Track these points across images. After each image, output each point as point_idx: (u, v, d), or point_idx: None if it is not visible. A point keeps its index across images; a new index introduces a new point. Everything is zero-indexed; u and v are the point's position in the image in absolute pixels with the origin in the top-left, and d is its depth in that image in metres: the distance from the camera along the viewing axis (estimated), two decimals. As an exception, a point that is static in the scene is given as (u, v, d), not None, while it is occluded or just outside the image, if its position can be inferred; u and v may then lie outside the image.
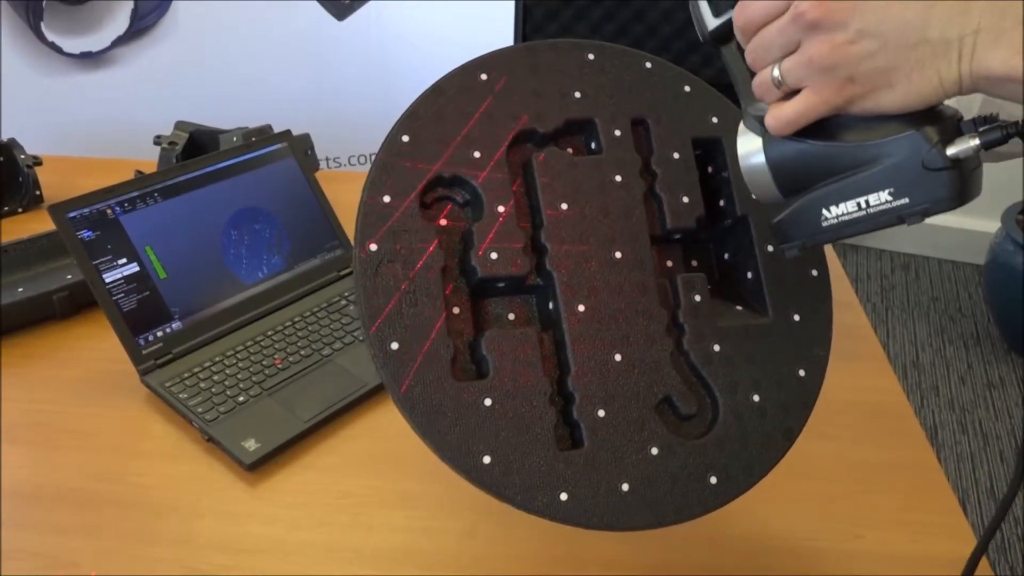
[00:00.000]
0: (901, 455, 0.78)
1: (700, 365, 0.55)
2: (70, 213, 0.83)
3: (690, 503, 0.52)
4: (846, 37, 0.42)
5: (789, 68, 0.44)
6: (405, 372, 0.49)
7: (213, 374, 0.84)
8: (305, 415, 0.79)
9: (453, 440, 0.49)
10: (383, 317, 0.49)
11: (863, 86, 0.43)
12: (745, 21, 0.46)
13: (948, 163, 0.42)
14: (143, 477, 0.74)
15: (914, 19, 0.40)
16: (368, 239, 0.50)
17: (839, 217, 0.46)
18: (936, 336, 2.29)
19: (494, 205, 0.53)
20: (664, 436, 0.53)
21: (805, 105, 0.45)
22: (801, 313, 0.59)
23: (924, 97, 0.42)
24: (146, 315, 0.85)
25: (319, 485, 0.74)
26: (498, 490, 0.49)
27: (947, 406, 2.04)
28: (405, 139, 0.53)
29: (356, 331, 0.91)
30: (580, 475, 0.50)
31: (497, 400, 0.50)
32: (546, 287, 0.54)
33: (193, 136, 1.19)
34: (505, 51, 0.57)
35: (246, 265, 0.93)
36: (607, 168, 0.57)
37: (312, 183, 1.01)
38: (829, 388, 0.85)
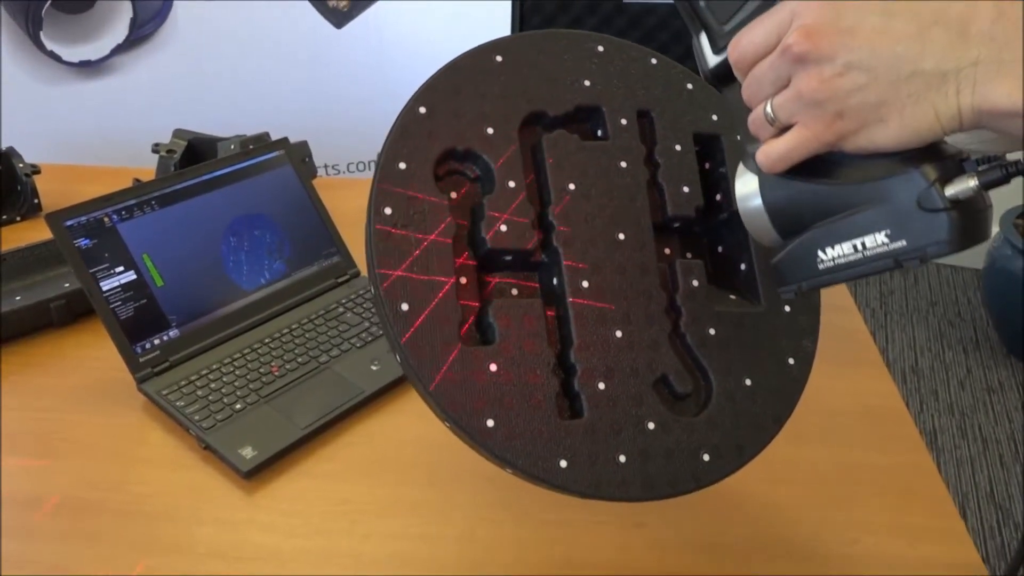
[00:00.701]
0: (899, 460, 0.78)
1: (696, 347, 0.57)
2: (67, 221, 0.83)
3: (683, 478, 0.53)
4: (834, 70, 0.40)
5: (780, 103, 0.44)
6: (415, 333, 0.50)
7: (210, 382, 0.84)
8: (302, 422, 0.79)
9: (458, 401, 0.49)
10: (394, 278, 0.50)
11: (854, 121, 0.41)
12: (739, 55, 0.45)
13: (947, 204, 0.40)
14: (140, 485, 0.74)
15: (906, 51, 0.39)
16: (383, 204, 0.52)
17: (835, 260, 0.44)
18: (935, 340, 2.29)
19: (505, 181, 0.55)
20: (661, 412, 0.54)
21: (795, 141, 0.43)
22: (792, 305, 0.61)
23: (920, 133, 0.40)
24: (143, 323, 0.85)
25: (317, 492, 0.74)
26: (500, 454, 0.49)
27: (946, 410, 2.03)
28: (422, 111, 0.54)
29: (353, 338, 0.91)
30: (579, 444, 0.51)
31: (502, 366, 0.51)
32: (551, 264, 0.56)
33: (191, 144, 1.20)
34: (520, 36, 0.59)
35: (243, 273, 0.94)
36: (613, 154, 0.59)
37: (309, 190, 1.02)
38: (827, 393, 0.85)
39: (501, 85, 0.57)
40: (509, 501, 0.72)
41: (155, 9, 1.88)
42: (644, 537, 0.69)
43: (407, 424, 0.82)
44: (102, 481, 0.75)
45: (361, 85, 2.01)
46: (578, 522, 0.71)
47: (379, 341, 0.91)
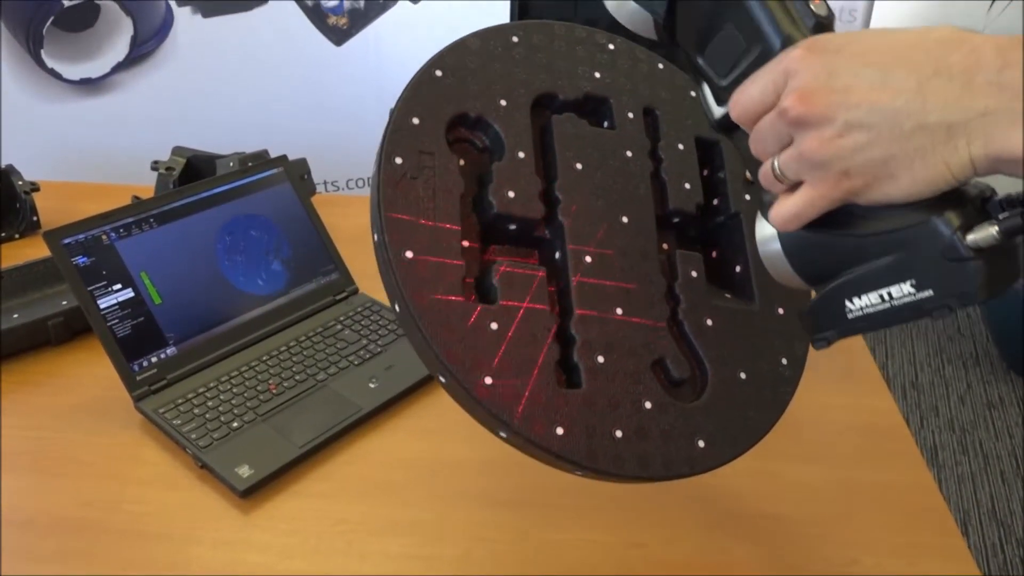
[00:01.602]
0: (899, 477, 0.77)
1: (693, 335, 0.57)
2: (65, 239, 0.83)
3: (678, 461, 0.53)
4: (834, 131, 0.39)
5: (785, 163, 0.43)
6: (418, 280, 0.49)
7: (207, 400, 0.84)
8: (299, 441, 0.79)
9: (458, 354, 0.49)
10: (400, 225, 0.50)
11: (862, 179, 0.40)
12: (740, 113, 0.45)
13: (970, 253, 0.39)
14: (137, 504, 0.74)
15: (906, 106, 0.38)
16: (394, 153, 0.52)
17: (863, 309, 0.43)
18: (935, 356, 2.28)
19: (515, 150, 0.56)
20: (658, 393, 0.54)
21: (804, 201, 0.43)
22: (785, 308, 0.61)
23: (932, 184, 0.39)
24: (141, 341, 0.85)
25: (313, 512, 0.73)
26: (496, 412, 0.48)
27: (947, 426, 2.03)
28: (438, 73, 0.55)
29: (351, 356, 0.91)
30: (576, 413, 0.51)
31: (503, 326, 0.51)
32: (553, 239, 0.56)
33: (190, 161, 1.20)
34: (539, 22, 0.61)
35: (241, 290, 0.94)
36: (619, 142, 0.60)
37: (308, 207, 1.02)
38: (826, 409, 0.85)
39: (516, 63, 0.58)
40: (506, 521, 0.72)
41: (156, 27, 1.89)
42: (643, 558, 0.69)
43: (404, 443, 0.81)
44: (98, 500, 0.74)
45: (361, 102, 2.02)
46: (576, 542, 0.70)
47: (377, 359, 0.90)
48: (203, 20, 1.91)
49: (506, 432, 0.49)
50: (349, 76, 2.01)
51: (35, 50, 1.82)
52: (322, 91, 2.01)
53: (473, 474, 0.77)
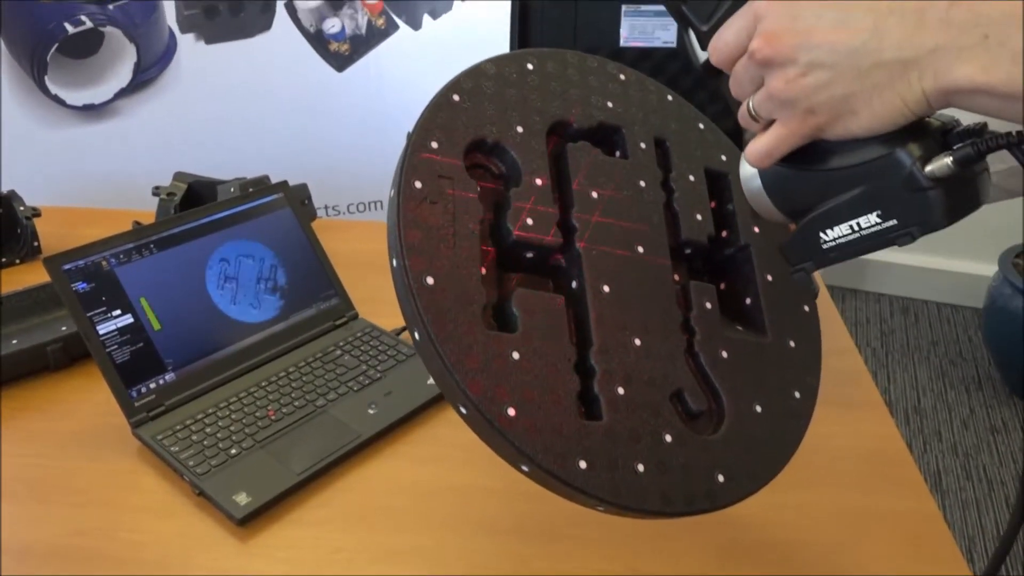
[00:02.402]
0: (901, 504, 0.77)
1: (709, 368, 0.56)
2: (65, 265, 0.83)
3: (699, 496, 0.52)
4: (798, 71, 0.42)
5: (758, 103, 0.46)
6: (439, 307, 0.48)
7: (205, 426, 0.83)
8: (298, 468, 0.78)
9: (481, 384, 0.47)
10: (420, 251, 0.49)
11: (826, 115, 0.43)
12: (718, 57, 0.48)
13: (929, 183, 0.42)
14: (133, 533, 0.73)
15: (863, 44, 0.41)
16: (414, 177, 0.51)
17: (836, 240, 0.47)
18: (937, 380, 2.27)
19: (532, 177, 0.56)
20: (677, 426, 0.53)
21: (775, 138, 0.46)
22: (796, 340, 0.61)
23: (891, 119, 0.42)
24: (139, 367, 0.85)
25: (311, 540, 0.73)
26: (521, 445, 0.47)
27: (950, 451, 2.02)
28: (456, 98, 0.55)
29: (351, 381, 0.90)
30: (599, 447, 0.49)
31: (525, 356, 0.50)
32: (569, 268, 0.56)
33: (191, 187, 1.20)
34: (548, 50, 0.61)
35: (241, 316, 0.93)
36: (634, 173, 0.60)
37: (308, 233, 1.02)
38: (828, 436, 0.84)
39: (531, 89, 0.59)
40: (506, 550, 0.71)
41: (159, 54, 1.91)
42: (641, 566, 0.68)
43: (404, 469, 0.81)
44: (94, 529, 0.74)
45: (363, 127, 2.03)
46: (577, 571, 0.69)
47: (376, 384, 0.90)
48: (206, 47, 1.93)
49: (528, 466, 0.48)
50: (351, 102, 2.02)
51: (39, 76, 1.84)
52: (324, 116, 2.02)
53: (473, 501, 0.76)
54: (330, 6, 1.93)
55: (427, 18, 1.97)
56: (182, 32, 1.91)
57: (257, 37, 1.94)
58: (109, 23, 1.83)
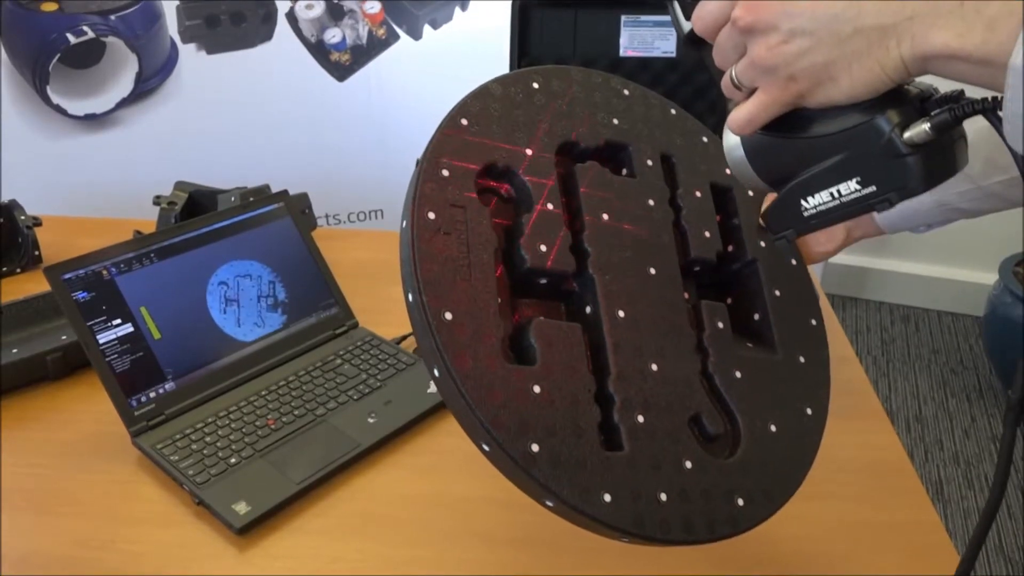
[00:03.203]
0: (903, 514, 0.77)
1: (724, 389, 0.56)
2: (66, 274, 0.83)
3: (720, 521, 0.51)
4: (779, 38, 0.43)
5: (740, 71, 0.47)
6: (459, 343, 0.47)
7: (205, 435, 0.83)
8: (297, 477, 0.78)
9: (503, 421, 0.46)
10: (437, 285, 0.48)
11: (806, 82, 0.44)
12: (702, 26, 0.48)
13: (907, 149, 0.42)
14: (133, 544, 0.73)
15: (843, 11, 0.41)
16: (426, 207, 0.50)
17: (816, 207, 0.47)
18: (938, 389, 2.27)
19: (544, 202, 0.55)
20: (697, 451, 0.52)
21: (757, 106, 0.46)
22: (805, 356, 0.61)
23: (870, 86, 0.42)
24: (139, 376, 0.85)
25: (310, 549, 0.72)
26: (546, 482, 0.46)
27: (952, 460, 2.01)
28: (464, 122, 0.55)
29: (350, 391, 0.90)
30: (621, 478, 0.49)
31: (545, 389, 0.49)
32: (583, 294, 0.55)
33: (192, 196, 1.20)
34: (552, 68, 0.61)
35: (241, 325, 0.93)
36: (641, 191, 0.60)
37: (308, 242, 1.02)
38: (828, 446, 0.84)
39: (538, 109, 0.58)
40: (506, 560, 0.71)
41: (160, 64, 1.91)
42: None
43: (403, 479, 0.81)
44: (93, 539, 0.74)
45: (363, 137, 2.04)
46: (577, 580, 0.69)
47: (376, 393, 0.90)
48: (207, 57, 1.93)
49: (553, 501, 0.47)
50: (351, 111, 2.02)
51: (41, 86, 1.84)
52: (324, 126, 2.03)
53: (473, 511, 0.76)
54: (331, 16, 1.94)
55: (428, 28, 1.98)
56: (183, 42, 1.91)
57: (258, 47, 1.94)
58: (111, 33, 1.84)
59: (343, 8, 1.94)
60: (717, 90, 0.51)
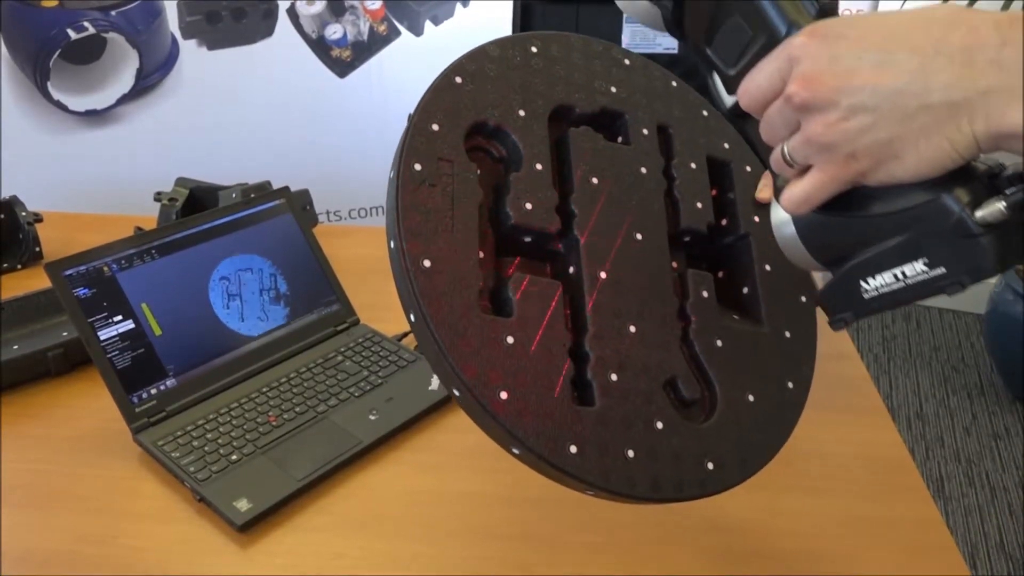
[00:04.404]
0: (904, 511, 0.76)
1: (703, 355, 0.56)
2: (66, 271, 0.83)
3: (689, 483, 0.52)
4: (838, 115, 0.40)
5: (794, 147, 0.44)
6: (436, 290, 0.49)
7: (206, 432, 0.83)
8: (299, 474, 0.78)
9: (474, 368, 0.48)
10: (418, 234, 0.49)
11: (868, 160, 0.41)
12: (748, 101, 0.46)
13: (980, 230, 0.40)
14: (134, 540, 0.73)
15: (908, 86, 0.39)
16: (413, 159, 0.51)
17: (879, 289, 0.45)
18: (939, 386, 2.27)
19: (532, 162, 0.55)
20: (670, 413, 0.53)
21: (813, 184, 0.44)
22: (791, 331, 0.61)
23: (938, 163, 0.40)
24: (140, 372, 0.85)
25: (311, 547, 0.72)
26: (512, 428, 0.48)
27: (953, 458, 2.01)
28: (458, 80, 0.55)
29: (352, 387, 0.90)
30: (590, 432, 0.50)
31: (519, 340, 0.50)
32: (567, 254, 0.56)
33: (193, 193, 1.20)
34: (553, 33, 0.61)
35: (242, 321, 0.93)
36: (634, 158, 0.60)
37: (310, 238, 1.02)
38: (830, 442, 0.84)
39: (534, 73, 0.58)
40: (508, 556, 0.71)
41: (161, 59, 1.91)
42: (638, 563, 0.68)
43: (404, 476, 0.81)
44: (94, 535, 0.74)
45: (363, 133, 2.04)
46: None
47: (377, 390, 0.90)
48: (208, 52, 1.93)
49: (519, 448, 0.49)
50: (352, 107, 2.02)
51: (41, 82, 1.84)
52: (325, 122, 2.03)
53: (475, 508, 0.76)
54: (332, 12, 1.94)
55: (429, 24, 1.98)
56: (184, 38, 1.91)
57: (259, 43, 1.94)
58: (112, 29, 1.84)
59: (344, 4, 1.94)
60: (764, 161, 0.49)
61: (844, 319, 0.47)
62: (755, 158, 0.67)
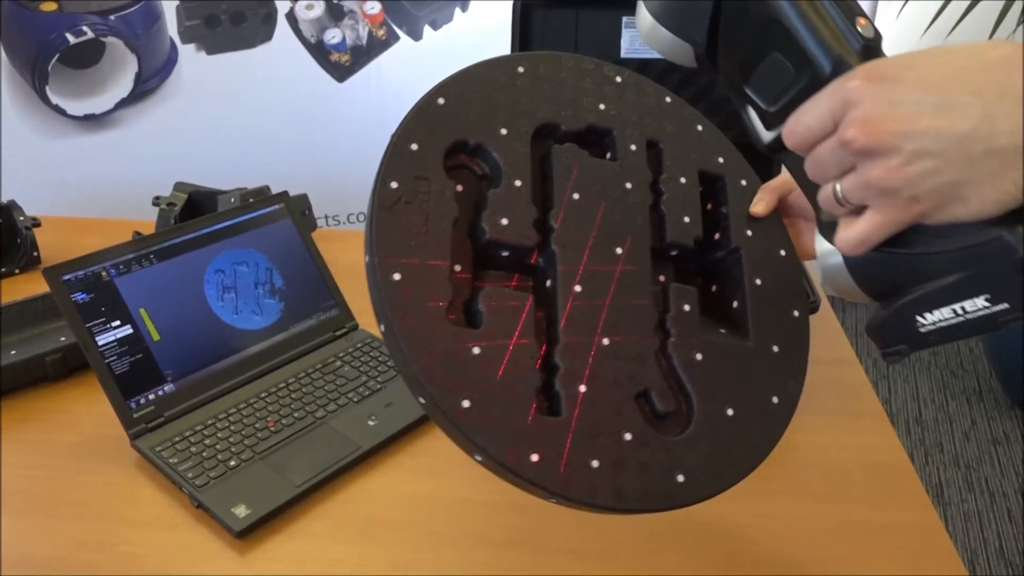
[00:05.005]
0: (904, 517, 0.76)
1: (681, 368, 0.57)
2: (65, 275, 0.83)
3: (655, 494, 0.52)
4: (901, 160, 0.40)
5: (849, 189, 0.43)
6: (403, 302, 0.50)
7: (204, 437, 0.83)
8: (297, 479, 0.78)
9: (438, 376, 0.49)
10: (390, 249, 0.51)
11: (930, 203, 0.41)
12: (796, 141, 0.45)
13: None
14: (132, 546, 0.73)
15: (974, 131, 0.38)
16: (390, 177, 0.53)
17: (936, 324, 0.44)
18: (938, 392, 2.27)
19: (512, 179, 0.56)
20: (639, 425, 0.53)
21: (871, 227, 0.43)
22: (780, 346, 0.61)
23: (1001, 204, 0.40)
24: (138, 378, 0.84)
25: (310, 553, 0.72)
26: (472, 436, 0.49)
27: (952, 463, 2.01)
28: (441, 101, 0.56)
29: (351, 393, 0.90)
30: (552, 441, 0.50)
31: (485, 351, 0.51)
32: (546, 268, 0.56)
33: (192, 197, 1.20)
34: (543, 53, 0.62)
35: (240, 326, 0.93)
36: (620, 174, 0.61)
37: (308, 243, 1.02)
38: (828, 447, 0.84)
39: (520, 92, 0.59)
40: (508, 563, 0.71)
41: (160, 64, 1.91)
42: None
43: (403, 482, 0.80)
44: (92, 541, 0.73)
45: (362, 137, 2.04)
46: (578, 584, 0.69)
47: (376, 396, 0.90)
48: (207, 57, 1.93)
49: (481, 456, 0.50)
50: (351, 112, 2.02)
51: (40, 86, 1.84)
52: (324, 126, 2.03)
53: (474, 514, 0.76)
54: (331, 17, 1.94)
55: (428, 29, 1.98)
56: (183, 43, 1.91)
57: (258, 48, 1.94)
58: (110, 33, 1.84)
59: (343, 9, 1.94)
60: (807, 194, 0.48)
61: (900, 352, 0.47)
62: (751, 172, 0.66)
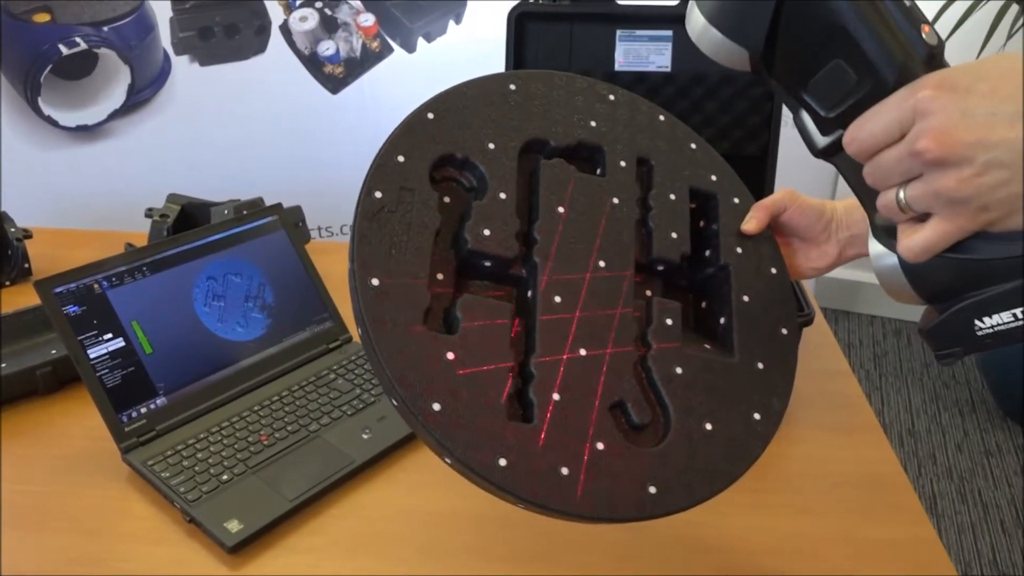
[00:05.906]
0: (899, 530, 0.76)
1: (660, 382, 0.57)
2: (56, 288, 0.82)
3: (626, 505, 0.52)
4: (973, 171, 0.40)
5: (915, 196, 0.43)
6: (380, 308, 0.51)
7: (197, 452, 0.82)
8: (290, 494, 0.77)
9: (410, 380, 0.50)
10: (370, 256, 0.52)
11: (1000, 212, 0.41)
12: (859, 148, 0.45)
13: None
14: (123, 562, 0.72)
15: None
16: (374, 187, 0.54)
17: (994, 328, 0.45)
18: (931, 403, 2.27)
19: (497, 191, 0.57)
20: (613, 435, 0.54)
21: (937, 235, 0.43)
22: (766, 363, 0.61)
23: None
24: (130, 391, 0.84)
25: (304, 568, 0.71)
26: (441, 439, 0.49)
27: (945, 475, 2.01)
28: (430, 116, 0.57)
29: (344, 406, 0.89)
30: (523, 447, 0.51)
31: (459, 357, 0.52)
32: (528, 279, 0.57)
33: (185, 209, 1.20)
34: (536, 72, 0.63)
35: (233, 339, 0.93)
36: (607, 189, 0.61)
37: (302, 255, 1.01)
38: (825, 461, 0.84)
39: (511, 108, 0.60)
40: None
41: (153, 75, 1.91)
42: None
43: (397, 496, 0.80)
44: (83, 556, 0.72)
45: (356, 149, 2.03)
46: (573, 599, 0.68)
47: (370, 409, 0.89)
48: (200, 69, 1.93)
49: (450, 459, 0.50)
50: (345, 124, 2.02)
51: (32, 97, 1.84)
52: (318, 138, 2.02)
53: (469, 528, 0.76)
54: (325, 29, 1.94)
55: (422, 41, 1.98)
56: (177, 54, 1.91)
57: (252, 59, 1.94)
58: (103, 45, 1.84)
59: (337, 21, 1.94)
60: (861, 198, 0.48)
61: (954, 354, 0.47)
62: (744, 190, 0.67)
